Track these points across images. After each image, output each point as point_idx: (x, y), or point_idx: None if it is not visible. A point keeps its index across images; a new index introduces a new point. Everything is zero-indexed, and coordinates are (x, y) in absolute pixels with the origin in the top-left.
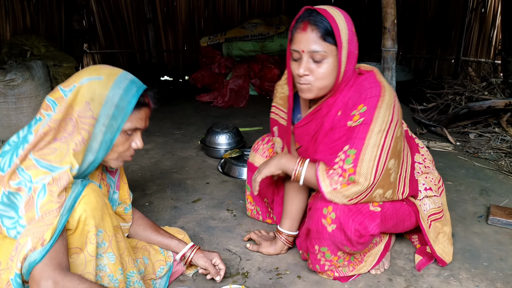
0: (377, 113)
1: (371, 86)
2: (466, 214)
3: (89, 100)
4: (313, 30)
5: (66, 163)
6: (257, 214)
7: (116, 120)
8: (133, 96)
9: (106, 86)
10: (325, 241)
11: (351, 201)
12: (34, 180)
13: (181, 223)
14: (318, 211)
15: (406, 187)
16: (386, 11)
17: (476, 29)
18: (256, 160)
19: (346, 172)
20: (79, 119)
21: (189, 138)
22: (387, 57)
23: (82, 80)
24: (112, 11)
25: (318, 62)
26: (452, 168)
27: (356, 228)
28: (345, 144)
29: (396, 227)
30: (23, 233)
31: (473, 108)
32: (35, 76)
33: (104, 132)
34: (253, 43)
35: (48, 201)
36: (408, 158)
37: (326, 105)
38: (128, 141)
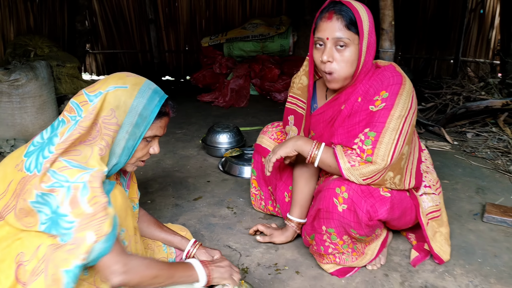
0: (398, 99)
1: (393, 75)
2: (462, 212)
3: (114, 107)
4: (338, 19)
5: (94, 165)
6: (260, 200)
7: (139, 128)
8: (156, 105)
9: (131, 95)
10: (333, 222)
11: (366, 180)
12: (71, 179)
13: (182, 220)
14: (330, 191)
15: (412, 178)
16: (383, 13)
17: (475, 30)
18: (264, 141)
19: (364, 152)
20: (103, 124)
21: (190, 138)
22: (385, 58)
23: (109, 87)
24: (114, 12)
25: (341, 50)
26: (449, 167)
27: (368, 209)
28: (365, 127)
29: (400, 219)
30: (78, 227)
31: (470, 108)
32: (39, 76)
33: (127, 139)
34: (254, 44)
35: (93, 197)
36: (415, 150)
37: (345, 93)
38: (146, 147)
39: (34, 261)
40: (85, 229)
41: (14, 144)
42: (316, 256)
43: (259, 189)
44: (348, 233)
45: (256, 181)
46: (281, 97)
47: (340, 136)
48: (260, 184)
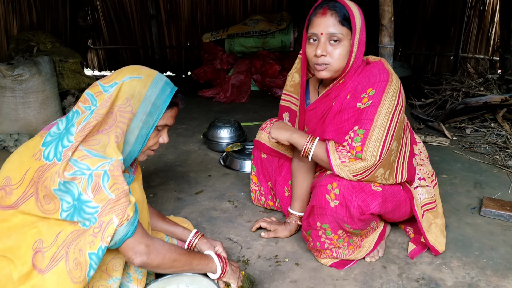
0: (384, 96)
1: (379, 72)
2: (459, 206)
3: (129, 96)
4: (332, 15)
5: (112, 154)
6: (260, 196)
7: (152, 117)
8: (168, 96)
9: (145, 85)
10: (327, 217)
11: (356, 176)
12: (93, 167)
13: (184, 214)
14: (322, 187)
15: (404, 171)
16: (383, 9)
17: (475, 26)
18: (263, 137)
19: (354, 149)
20: (118, 113)
21: (191, 133)
22: (384, 53)
23: (124, 78)
24: (116, 8)
25: (335, 45)
26: (448, 162)
27: (359, 204)
28: (354, 125)
29: (394, 212)
30: (102, 212)
31: (469, 104)
32: (42, 71)
33: (141, 127)
34: (255, 39)
35: (114, 183)
36: (407, 145)
37: (336, 89)
38: (157, 136)
39: (54, 247)
40: (109, 213)
41: (18, 138)
42: (314, 252)
43: (259, 184)
44: (342, 228)
45: (256, 177)
46: (282, 92)
47: (331, 133)
48: (260, 179)
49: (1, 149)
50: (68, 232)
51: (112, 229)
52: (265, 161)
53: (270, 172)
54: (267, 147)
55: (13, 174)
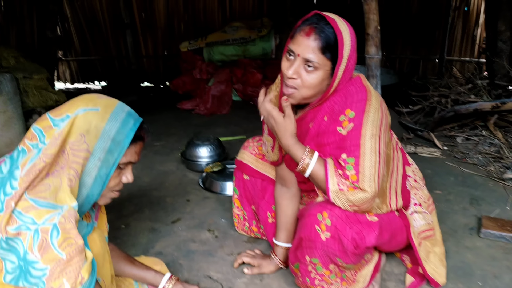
0: (365, 117)
1: (357, 90)
2: (457, 226)
3: (84, 132)
4: (316, 40)
5: (64, 200)
6: (243, 221)
7: (113, 155)
8: (131, 129)
9: (103, 118)
10: (316, 251)
11: (353, 207)
12: (39, 221)
13: (159, 248)
14: (311, 217)
15: (399, 197)
16: (368, 17)
17: (459, 28)
18: (245, 157)
19: (349, 179)
20: (71, 151)
21: (169, 150)
22: (371, 64)
23: (78, 110)
24: (87, 17)
25: (309, 70)
26: (441, 175)
27: (353, 236)
28: (337, 150)
29: (390, 242)
30: (51, 275)
31: (459, 111)
32: (3, 91)
33: (100, 167)
34: (235, 47)
35: (66, 238)
36: (399, 167)
37: (312, 112)
38: (119, 175)
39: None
40: (59, 277)
41: None
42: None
43: (242, 209)
44: (334, 262)
45: (239, 200)
46: None
47: None
48: (243, 203)
49: None
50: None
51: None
52: (248, 183)
53: (253, 195)
54: (250, 167)
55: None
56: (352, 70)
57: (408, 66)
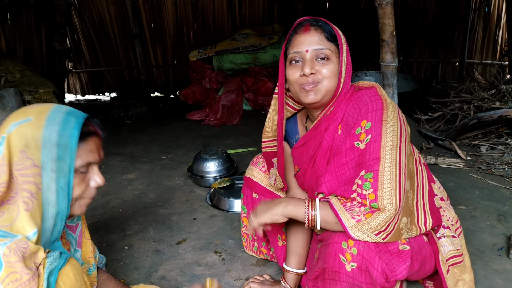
0: (384, 127)
1: (371, 100)
2: (484, 246)
3: (23, 147)
4: (317, 30)
5: (21, 229)
6: (252, 241)
7: (64, 161)
8: (74, 128)
9: (37, 126)
10: (340, 284)
11: (379, 234)
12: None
13: (162, 272)
14: (335, 245)
15: (428, 216)
16: (383, 22)
17: (480, 30)
18: (254, 174)
19: (366, 199)
20: (17, 173)
21: (177, 164)
22: (387, 72)
23: (9, 127)
24: (97, 28)
25: (323, 63)
26: (465, 188)
27: (383, 268)
28: (356, 169)
29: (419, 272)
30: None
31: (483, 119)
32: (6, 106)
33: (56, 179)
34: (245, 55)
35: (8, 273)
36: (424, 182)
37: (326, 120)
38: (84, 181)
39: None
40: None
41: None
42: None
43: None
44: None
45: (248, 220)
46: None
47: (329, 183)
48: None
49: None
50: None
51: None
52: (257, 201)
53: None
54: (260, 186)
55: None
56: (351, 65)
57: (427, 70)
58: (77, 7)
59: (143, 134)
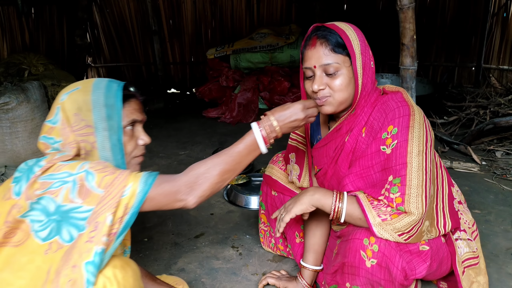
0: (411, 133)
1: (398, 105)
2: (498, 250)
3: (76, 111)
4: (322, 44)
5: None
6: (269, 237)
7: (113, 119)
8: (117, 90)
9: (86, 92)
10: (359, 279)
11: (402, 235)
12: (74, 172)
13: (181, 264)
14: (356, 241)
15: (447, 218)
16: (404, 26)
17: (498, 35)
18: (274, 172)
19: (393, 202)
20: (75, 134)
21: (194, 160)
22: (406, 76)
23: (61, 97)
24: (116, 24)
25: (332, 75)
26: (479, 192)
27: (403, 266)
28: (382, 174)
29: (436, 272)
30: (94, 215)
31: (499, 124)
32: (30, 99)
33: (109, 136)
34: (262, 55)
35: (102, 177)
36: (444, 187)
37: (347, 123)
38: (132, 138)
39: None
40: (102, 212)
41: (5, 172)
42: None
43: (268, 224)
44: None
45: (266, 216)
46: None
47: (355, 183)
48: (269, 219)
49: None
50: (57, 261)
51: (106, 227)
52: (276, 199)
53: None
54: (280, 184)
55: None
56: (372, 68)
57: (443, 74)
58: (98, 3)
59: (161, 130)
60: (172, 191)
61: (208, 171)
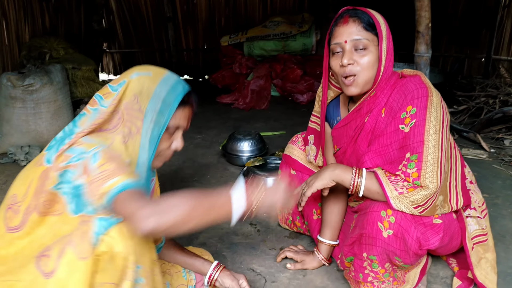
0: (429, 113)
1: (417, 87)
2: (505, 231)
3: (137, 93)
4: (355, 21)
5: (120, 150)
6: (287, 215)
7: (163, 115)
8: (180, 92)
9: (154, 81)
10: (376, 249)
11: (417, 208)
12: (88, 150)
13: (202, 239)
14: (374, 214)
15: (459, 196)
16: (420, 14)
17: (508, 27)
18: (294, 152)
19: (410, 176)
20: (125, 111)
21: (209, 143)
22: (420, 63)
23: (132, 75)
24: (131, 10)
25: (362, 52)
26: (488, 178)
27: (418, 236)
28: (400, 151)
29: (447, 245)
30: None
31: (508, 113)
32: (53, 81)
33: (152, 129)
34: (275, 42)
35: (104, 163)
36: (457, 165)
37: (367, 104)
38: (169, 139)
39: (59, 242)
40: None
41: (29, 151)
42: (352, 282)
43: None
44: (391, 261)
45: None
46: (303, 98)
47: (373, 160)
48: None
49: (12, 162)
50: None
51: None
52: (295, 178)
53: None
54: (299, 163)
55: (19, 190)
56: (392, 53)
57: (454, 64)
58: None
59: None
60: (139, 204)
61: (179, 203)
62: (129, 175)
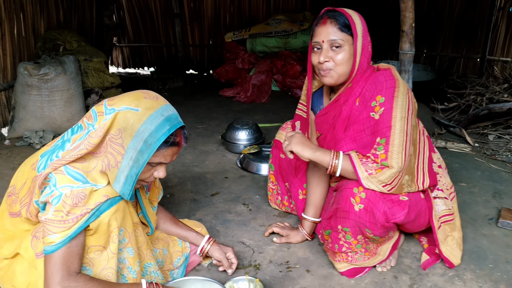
0: (395, 102)
1: (386, 79)
2: (477, 216)
3: (122, 128)
4: (332, 23)
5: (94, 180)
6: (276, 195)
7: (143, 155)
8: (163, 134)
9: (140, 119)
10: (349, 221)
11: (386, 186)
12: (58, 185)
13: (199, 216)
14: (348, 190)
15: (426, 176)
16: (404, 15)
17: (503, 28)
18: (282, 137)
19: (378, 158)
20: (109, 142)
21: (211, 133)
22: (404, 59)
23: (121, 107)
24: (141, 6)
25: (336, 51)
26: (468, 169)
27: (385, 210)
28: (372, 136)
29: (414, 222)
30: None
31: (493, 110)
32: (67, 71)
33: (131, 167)
34: (277, 39)
35: (59, 209)
36: (425, 150)
37: (344, 94)
38: (151, 171)
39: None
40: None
41: (43, 135)
42: (330, 253)
43: (276, 183)
44: (362, 233)
45: (274, 176)
46: None
47: (348, 145)
48: (277, 179)
49: (27, 145)
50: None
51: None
52: (283, 161)
53: (287, 173)
54: None
55: (17, 183)
56: (369, 51)
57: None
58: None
59: (180, 106)
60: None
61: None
62: (71, 228)
